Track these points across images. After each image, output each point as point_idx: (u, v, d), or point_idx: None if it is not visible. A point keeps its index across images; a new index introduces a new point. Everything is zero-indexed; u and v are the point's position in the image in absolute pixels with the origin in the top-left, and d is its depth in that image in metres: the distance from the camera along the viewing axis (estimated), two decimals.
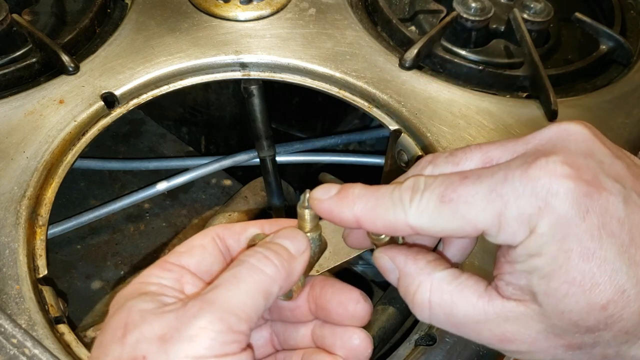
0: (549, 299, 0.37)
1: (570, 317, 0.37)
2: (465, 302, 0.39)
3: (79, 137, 0.69)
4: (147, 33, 0.78)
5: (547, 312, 0.37)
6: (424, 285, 0.40)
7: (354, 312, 0.43)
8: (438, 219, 0.39)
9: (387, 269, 0.43)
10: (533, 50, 0.76)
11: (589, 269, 0.36)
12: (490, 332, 0.39)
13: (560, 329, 0.37)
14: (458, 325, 0.40)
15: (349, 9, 0.83)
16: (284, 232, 0.43)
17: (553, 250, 0.36)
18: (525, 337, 0.38)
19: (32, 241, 0.61)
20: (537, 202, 0.36)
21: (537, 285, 0.37)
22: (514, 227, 0.37)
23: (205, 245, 0.44)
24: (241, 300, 0.38)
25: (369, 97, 0.75)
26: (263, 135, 0.82)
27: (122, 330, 0.37)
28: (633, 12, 0.89)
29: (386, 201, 0.40)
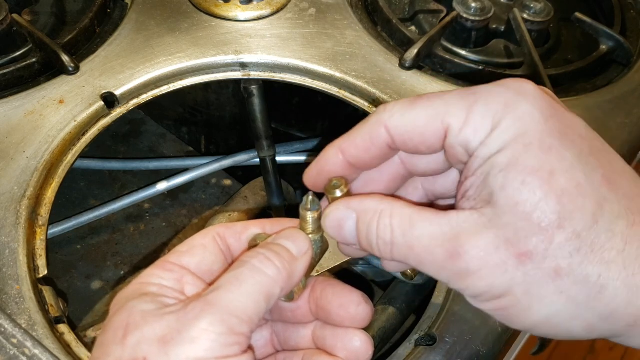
0: (505, 192, 0.36)
1: (524, 209, 0.35)
2: (423, 220, 0.38)
3: (79, 137, 0.69)
4: (147, 33, 0.78)
5: (501, 211, 0.36)
6: (385, 212, 0.40)
7: (355, 314, 0.43)
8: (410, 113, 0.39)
9: (341, 218, 0.41)
10: (533, 50, 0.76)
11: (547, 159, 0.36)
12: (442, 249, 0.37)
13: (512, 232, 0.36)
14: (413, 246, 0.38)
15: (349, 9, 0.83)
16: (285, 232, 0.43)
17: (513, 144, 0.36)
18: (475, 251, 0.36)
19: (32, 241, 0.61)
20: (504, 99, 0.37)
21: (494, 180, 0.36)
22: (478, 122, 0.37)
23: (206, 245, 0.43)
24: (243, 302, 0.38)
25: (369, 97, 0.75)
26: (263, 135, 0.82)
27: (123, 331, 0.37)
28: (633, 12, 0.89)
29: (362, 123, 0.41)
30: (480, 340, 0.57)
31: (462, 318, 0.58)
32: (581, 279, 0.36)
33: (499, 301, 0.37)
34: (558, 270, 0.36)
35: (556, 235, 0.35)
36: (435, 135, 0.39)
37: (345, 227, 0.42)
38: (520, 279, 0.36)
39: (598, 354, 1.82)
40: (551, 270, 0.36)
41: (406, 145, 0.41)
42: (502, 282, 0.37)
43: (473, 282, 0.37)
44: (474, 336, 0.57)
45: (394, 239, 0.39)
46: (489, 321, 0.58)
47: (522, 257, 0.36)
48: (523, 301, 0.37)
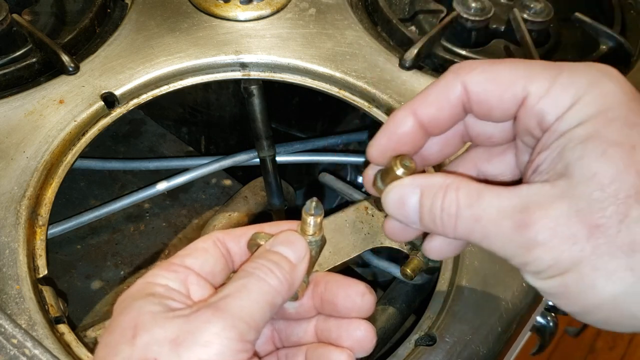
0: (582, 162, 0.35)
1: (601, 179, 0.34)
2: (490, 193, 0.37)
3: (79, 137, 0.69)
4: (147, 33, 0.78)
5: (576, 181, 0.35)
6: (452, 185, 0.38)
7: (362, 304, 0.44)
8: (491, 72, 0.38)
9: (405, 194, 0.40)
10: (533, 50, 0.76)
11: (630, 134, 0.35)
12: (510, 221, 0.36)
13: (586, 203, 0.34)
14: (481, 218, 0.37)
15: (349, 9, 0.84)
16: (283, 237, 0.43)
17: (595, 118, 0.35)
18: (545, 221, 0.35)
19: (32, 241, 0.61)
20: (589, 77, 0.36)
21: (571, 152, 0.35)
22: (560, 94, 0.36)
23: (207, 248, 0.44)
24: (251, 309, 0.38)
25: (369, 97, 0.75)
26: (263, 135, 0.82)
27: (132, 331, 0.37)
28: (633, 12, 0.89)
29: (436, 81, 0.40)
30: (480, 340, 0.57)
31: (462, 318, 0.58)
32: None
33: (562, 278, 0.35)
34: (632, 245, 0.34)
35: (633, 209, 0.34)
36: (513, 100, 0.38)
37: (408, 203, 0.40)
38: (590, 252, 0.34)
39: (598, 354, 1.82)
40: (624, 244, 0.34)
41: (481, 106, 0.40)
42: (570, 255, 0.35)
43: (540, 254, 0.35)
44: (474, 336, 0.57)
45: (459, 211, 0.38)
46: (489, 321, 0.58)
47: (594, 229, 0.34)
48: (589, 277, 0.35)
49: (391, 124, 0.42)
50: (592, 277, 0.35)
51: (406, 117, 0.41)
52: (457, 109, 0.40)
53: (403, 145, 0.42)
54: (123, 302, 0.40)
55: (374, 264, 0.77)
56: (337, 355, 0.44)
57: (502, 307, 0.58)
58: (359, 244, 0.71)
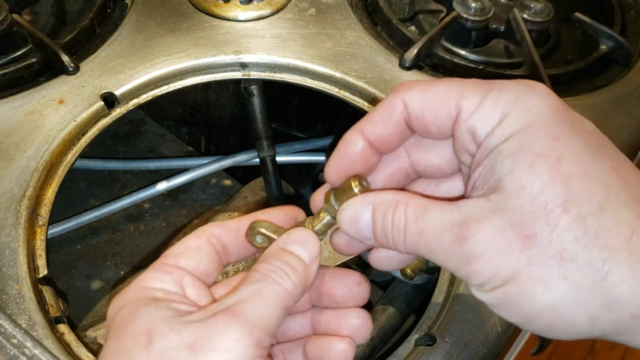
0: (511, 176, 0.36)
1: (530, 192, 0.36)
2: (435, 207, 0.39)
3: (79, 137, 0.69)
4: (147, 33, 0.78)
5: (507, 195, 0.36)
6: (401, 201, 0.40)
7: (359, 292, 0.45)
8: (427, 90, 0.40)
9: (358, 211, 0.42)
10: (533, 50, 0.76)
11: (555, 146, 0.36)
12: (450, 234, 0.37)
13: (518, 215, 0.36)
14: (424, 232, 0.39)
15: (349, 9, 0.83)
16: (296, 235, 0.43)
17: (521, 132, 0.37)
18: (481, 234, 0.36)
19: (32, 241, 0.61)
20: (516, 92, 0.38)
21: (501, 166, 0.37)
22: (489, 109, 0.38)
23: (201, 247, 0.43)
24: (268, 315, 0.38)
25: (369, 97, 0.75)
26: (263, 135, 0.82)
27: (146, 337, 0.37)
28: (633, 12, 0.89)
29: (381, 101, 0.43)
30: (480, 340, 0.57)
31: (462, 318, 0.58)
32: (585, 263, 0.35)
33: (504, 289, 0.37)
34: (563, 254, 0.35)
35: (561, 219, 0.35)
36: (447, 116, 0.40)
37: (361, 220, 0.42)
38: (525, 262, 0.36)
39: (598, 353, 1.82)
40: (556, 253, 0.35)
41: (419, 122, 0.41)
42: (507, 265, 0.36)
43: (479, 267, 0.37)
44: (474, 336, 0.57)
45: (407, 225, 0.40)
46: (489, 321, 0.58)
47: (527, 239, 0.36)
48: (527, 287, 0.36)
49: (343, 145, 0.44)
50: (530, 287, 0.36)
51: (355, 137, 0.43)
52: (400, 126, 0.42)
53: (356, 164, 0.44)
54: (124, 308, 0.39)
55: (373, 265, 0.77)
56: (340, 344, 0.44)
57: None
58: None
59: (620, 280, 0.35)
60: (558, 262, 0.36)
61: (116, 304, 0.40)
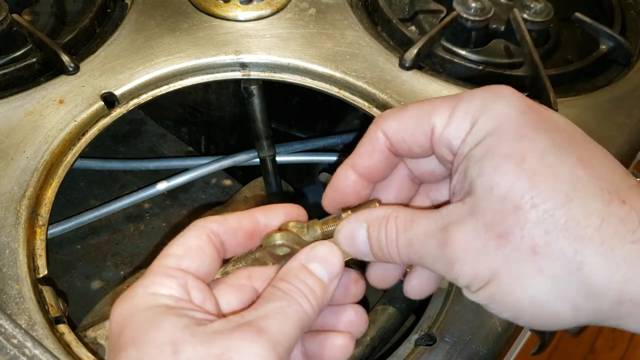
0: (480, 179, 0.38)
1: (498, 192, 0.37)
2: (421, 217, 0.41)
3: (79, 137, 0.69)
4: (147, 33, 0.78)
5: (478, 197, 0.38)
6: (391, 215, 0.42)
7: (356, 290, 0.47)
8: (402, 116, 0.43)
9: (353, 229, 0.44)
10: (533, 50, 0.76)
11: (519, 146, 0.38)
12: (434, 240, 0.39)
13: (490, 216, 0.37)
14: (413, 241, 0.41)
15: (349, 9, 0.84)
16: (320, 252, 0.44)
17: (488, 137, 0.39)
18: (459, 237, 0.38)
19: (32, 241, 0.61)
20: (482, 101, 0.40)
21: (472, 170, 0.39)
22: (459, 121, 0.40)
23: (202, 247, 0.43)
24: (289, 334, 0.39)
25: (369, 97, 0.75)
26: (263, 135, 0.82)
27: (171, 347, 0.36)
28: (633, 12, 0.89)
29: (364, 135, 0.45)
30: (480, 340, 0.57)
31: (462, 318, 0.58)
32: (558, 255, 0.36)
33: (487, 288, 0.38)
34: (535, 248, 0.36)
35: (530, 214, 0.36)
36: (423, 135, 0.42)
37: (357, 237, 0.44)
38: (502, 260, 0.37)
39: (598, 353, 1.82)
40: (529, 248, 0.36)
41: (402, 147, 0.44)
42: (485, 265, 0.38)
43: (461, 269, 0.38)
44: (474, 336, 0.57)
45: (398, 237, 0.41)
46: (489, 321, 0.58)
47: (500, 238, 0.37)
48: (507, 284, 0.37)
49: (335, 180, 0.46)
50: (510, 284, 0.37)
51: (346, 171, 0.46)
52: (384, 155, 0.45)
53: (349, 197, 0.46)
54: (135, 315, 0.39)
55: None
56: (339, 340, 0.45)
57: None
58: None
59: (594, 268, 0.36)
60: (532, 257, 0.36)
61: (122, 310, 0.40)
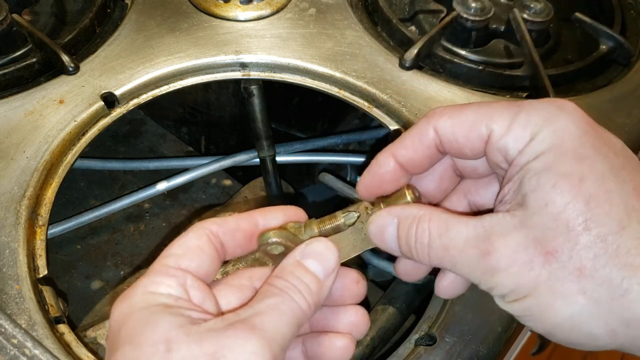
0: (536, 194, 0.38)
1: (553, 210, 0.37)
2: (458, 223, 0.41)
3: (79, 137, 0.69)
4: (147, 33, 0.78)
5: (531, 212, 0.38)
6: (424, 217, 0.42)
7: (357, 290, 0.46)
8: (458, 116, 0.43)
9: (384, 224, 0.44)
10: (533, 50, 0.76)
11: (579, 167, 0.38)
12: (475, 249, 0.39)
13: (540, 232, 0.38)
14: (449, 248, 0.41)
15: (349, 9, 0.84)
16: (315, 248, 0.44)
17: (548, 152, 0.39)
18: (505, 249, 0.38)
19: (32, 241, 0.61)
20: (545, 113, 0.40)
21: (528, 183, 0.39)
22: (519, 131, 0.40)
23: (202, 247, 0.43)
24: (284, 331, 0.39)
25: (369, 97, 0.75)
26: (263, 135, 0.82)
27: (165, 345, 0.37)
28: (633, 12, 0.89)
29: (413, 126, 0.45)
30: (480, 340, 0.57)
31: (462, 318, 0.58)
32: (604, 280, 0.37)
33: (525, 301, 0.39)
34: (582, 270, 0.37)
35: (582, 237, 0.37)
36: (479, 139, 0.42)
37: (386, 232, 0.44)
38: (546, 277, 0.38)
39: (598, 353, 1.82)
40: (575, 269, 0.37)
41: (452, 146, 0.44)
42: (528, 280, 0.38)
43: (501, 280, 0.39)
44: (474, 336, 0.57)
45: (431, 241, 0.42)
46: (489, 321, 0.58)
47: (548, 255, 0.37)
48: (547, 300, 0.38)
49: (374, 165, 0.46)
50: (550, 300, 0.38)
51: (387, 159, 0.46)
52: (431, 151, 0.45)
53: (386, 184, 0.46)
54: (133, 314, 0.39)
55: (374, 264, 0.77)
56: (340, 340, 0.45)
57: None
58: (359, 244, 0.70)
59: (638, 298, 0.36)
60: (577, 278, 0.37)
61: (121, 309, 0.40)
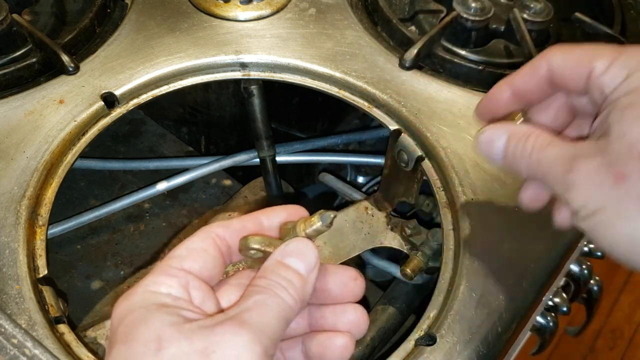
0: (617, 125, 0.43)
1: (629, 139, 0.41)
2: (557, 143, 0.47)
3: (79, 137, 0.69)
4: (147, 33, 0.78)
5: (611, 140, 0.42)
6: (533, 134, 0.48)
7: (355, 288, 0.47)
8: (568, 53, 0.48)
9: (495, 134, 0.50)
10: (533, 50, 0.76)
11: None
12: (561, 165, 0.45)
13: (615, 157, 0.42)
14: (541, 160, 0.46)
15: (349, 9, 0.84)
16: (293, 246, 0.44)
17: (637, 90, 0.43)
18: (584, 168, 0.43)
19: (32, 241, 0.61)
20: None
21: (613, 115, 0.43)
22: (617, 70, 0.45)
23: (206, 249, 0.43)
24: (273, 325, 0.39)
25: (369, 97, 0.75)
26: (263, 135, 0.82)
27: (156, 343, 0.37)
28: (633, 12, 0.89)
29: None
30: (480, 340, 0.57)
31: (462, 318, 0.58)
32: None
33: (593, 218, 0.43)
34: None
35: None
36: (583, 75, 0.47)
37: (496, 143, 0.50)
38: (614, 197, 0.42)
39: (598, 354, 1.83)
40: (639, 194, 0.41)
41: (560, 80, 0.49)
42: (597, 198, 0.43)
43: (576, 195, 0.44)
44: (474, 336, 0.57)
45: (532, 153, 0.47)
46: (489, 321, 0.58)
47: (617, 178, 0.42)
48: (612, 218, 0.42)
49: (493, 91, 0.53)
50: (614, 218, 0.42)
51: (504, 86, 0.52)
52: (542, 81, 0.50)
53: (500, 109, 0.53)
54: (132, 313, 0.39)
55: (374, 264, 0.77)
56: (340, 339, 0.45)
57: (502, 307, 0.58)
58: (359, 244, 0.71)
59: None
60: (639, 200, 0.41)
61: (122, 308, 0.40)
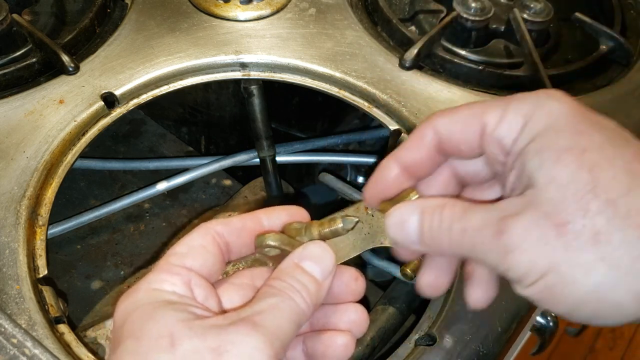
0: (541, 171, 0.38)
1: (560, 182, 0.37)
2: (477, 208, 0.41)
3: (79, 137, 0.69)
4: (147, 33, 0.78)
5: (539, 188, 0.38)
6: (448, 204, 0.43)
7: (356, 287, 0.47)
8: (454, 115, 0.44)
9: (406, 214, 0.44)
10: (533, 50, 0.76)
11: (578, 140, 0.39)
12: (490, 230, 0.39)
13: (551, 206, 0.37)
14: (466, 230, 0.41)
15: (349, 9, 0.84)
16: (312, 250, 0.44)
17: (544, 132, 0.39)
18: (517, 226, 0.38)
19: (32, 241, 0.61)
20: (536, 100, 0.41)
21: (531, 163, 0.39)
22: (512, 119, 0.41)
23: (206, 246, 0.44)
24: (286, 329, 0.39)
25: (369, 97, 0.75)
26: (263, 135, 0.82)
27: (168, 339, 0.37)
28: (633, 12, 0.89)
29: None
30: (480, 340, 0.57)
31: (462, 318, 0.58)
32: (621, 243, 0.36)
33: (544, 280, 0.38)
34: (597, 236, 0.36)
35: (591, 203, 0.37)
36: (474, 133, 0.43)
37: (408, 223, 0.44)
38: (562, 249, 0.37)
39: (598, 354, 1.82)
40: (590, 237, 0.36)
41: (450, 144, 0.44)
42: (544, 255, 0.37)
43: (516, 258, 0.38)
44: (474, 336, 0.57)
45: (452, 224, 0.42)
46: (489, 321, 0.58)
47: (561, 227, 0.37)
48: (567, 274, 0.37)
49: (379, 171, 0.47)
50: (570, 274, 0.37)
51: (390, 164, 0.46)
52: (432, 151, 0.45)
53: (391, 189, 0.47)
54: (137, 309, 0.39)
55: (374, 264, 0.77)
56: (341, 338, 0.46)
57: (502, 307, 0.58)
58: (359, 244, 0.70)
59: None
60: (594, 246, 0.36)
61: (125, 305, 0.40)
